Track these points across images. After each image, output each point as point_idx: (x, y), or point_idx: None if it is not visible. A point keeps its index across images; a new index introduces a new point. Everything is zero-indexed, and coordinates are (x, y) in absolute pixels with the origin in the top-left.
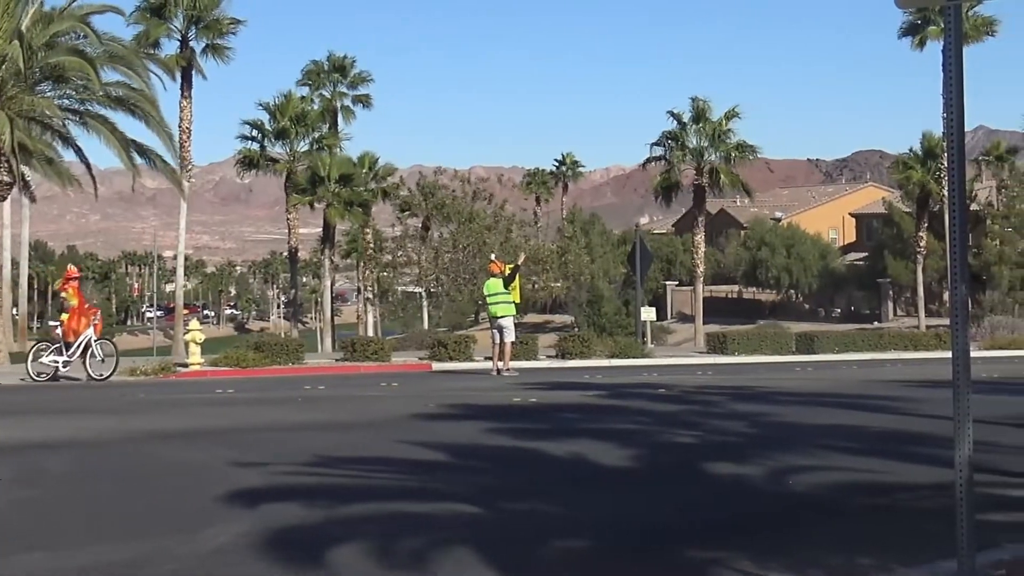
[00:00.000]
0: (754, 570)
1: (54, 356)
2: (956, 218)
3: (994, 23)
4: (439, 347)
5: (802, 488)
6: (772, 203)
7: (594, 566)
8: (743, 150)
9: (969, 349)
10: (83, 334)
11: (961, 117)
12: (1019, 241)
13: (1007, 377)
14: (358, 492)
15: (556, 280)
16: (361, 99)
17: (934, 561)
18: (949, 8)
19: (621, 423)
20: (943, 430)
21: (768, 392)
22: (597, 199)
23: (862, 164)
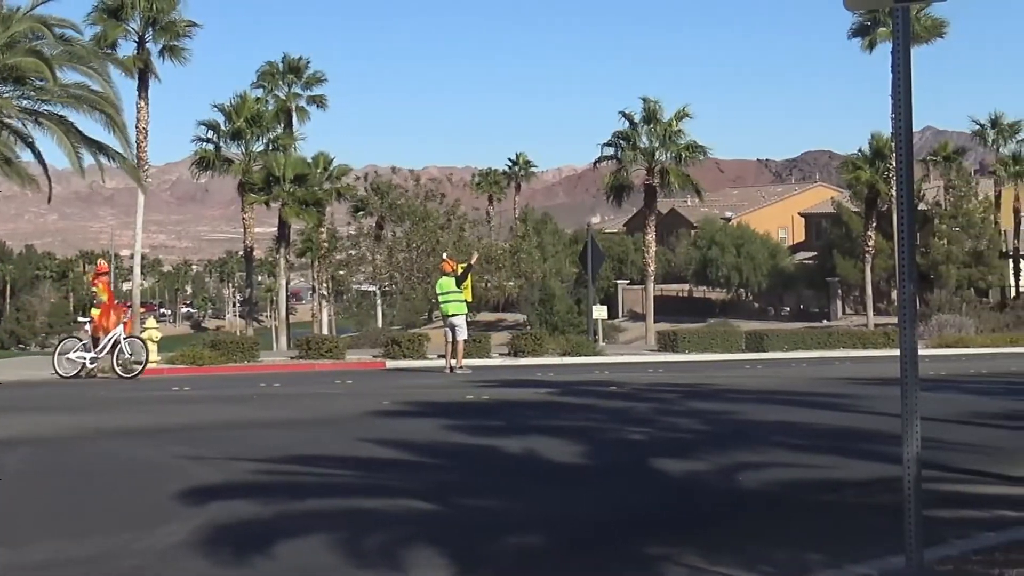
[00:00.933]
0: (704, 565)
1: (81, 353)
2: (904, 218)
3: (943, 25)
4: (393, 345)
5: (752, 484)
6: (722, 203)
7: (548, 561)
8: (693, 150)
9: (917, 347)
10: (113, 331)
11: (909, 118)
12: (966, 241)
13: (954, 375)
14: (314, 488)
15: (509, 279)
16: (316, 99)
17: (882, 557)
18: (898, 10)
19: (574, 420)
20: (891, 427)
21: (718, 390)
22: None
23: (811, 164)
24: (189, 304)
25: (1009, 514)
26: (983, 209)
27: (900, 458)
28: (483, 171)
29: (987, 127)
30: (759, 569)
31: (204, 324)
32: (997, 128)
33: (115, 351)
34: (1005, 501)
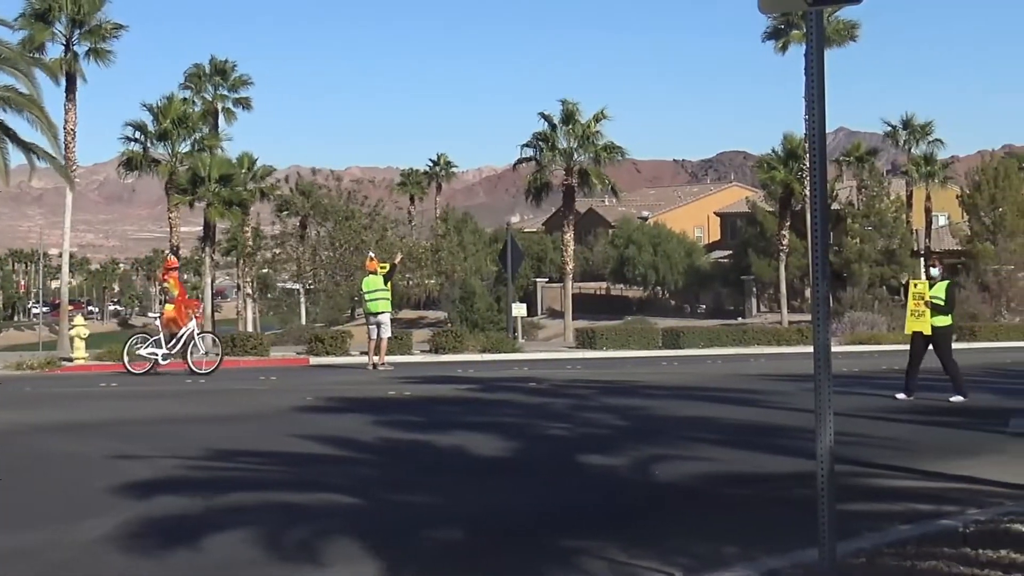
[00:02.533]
0: (623, 558)
1: (152, 348)
2: (818, 217)
3: (855, 28)
4: (317, 342)
5: (669, 478)
6: (639, 202)
7: (470, 555)
8: (611, 151)
9: (830, 344)
10: (185, 327)
11: (823, 119)
12: (878, 239)
13: (867, 371)
14: (240, 483)
15: (430, 277)
16: (241, 101)
17: (797, 550)
18: (811, 13)
19: (494, 416)
20: (805, 422)
21: (636, 386)
22: (470, 199)
23: (726, 164)
24: (117, 302)
25: (921, 507)
26: (895, 208)
27: (814, 453)
28: (405, 171)
29: (899, 128)
30: (677, 562)
31: (131, 321)
32: (909, 129)
33: (188, 346)
34: (917, 495)
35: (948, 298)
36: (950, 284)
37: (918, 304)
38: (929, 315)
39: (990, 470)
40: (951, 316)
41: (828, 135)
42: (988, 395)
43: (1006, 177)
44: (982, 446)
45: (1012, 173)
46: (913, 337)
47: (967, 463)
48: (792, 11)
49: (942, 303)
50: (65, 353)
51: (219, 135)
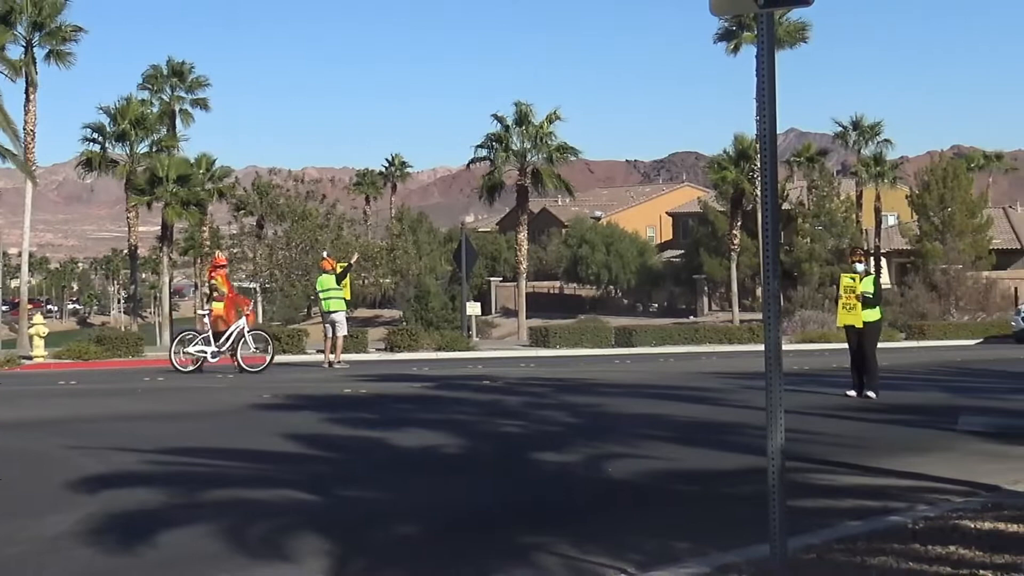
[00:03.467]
0: (575, 554)
1: (201, 346)
2: (768, 217)
3: (806, 29)
4: (273, 340)
5: (622, 475)
6: (592, 202)
7: (425, 550)
8: (564, 151)
9: (781, 342)
10: (235, 324)
11: (773, 120)
12: (828, 239)
13: (817, 369)
14: (198, 479)
15: (385, 276)
16: (199, 102)
17: (748, 545)
18: (762, 15)
19: (449, 413)
20: (756, 419)
21: (589, 384)
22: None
23: (678, 165)
24: (75, 301)
25: (871, 504)
26: (845, 208)
27: (765, 450)
28: (360, 172)
29: (849, 129)
30: (629, 558)
31: (90, 320)
32: (859, 130)
33: (238, 344)
34: (867, 491)
35: (876, 292)
36: (875, 278)
37: (849, 298)
38: (860, 309)
39: (939, 467)
40: (879, 310)
41: (779, 136)
42: (938, 393)
43: (955, 177)
44: (932, 443)
45: (961, 173)
46: (847, 333)
47: (917, 460)
48: (744, 13)
49: (871, 296)
50: (24, 351)
51: (177, 136)
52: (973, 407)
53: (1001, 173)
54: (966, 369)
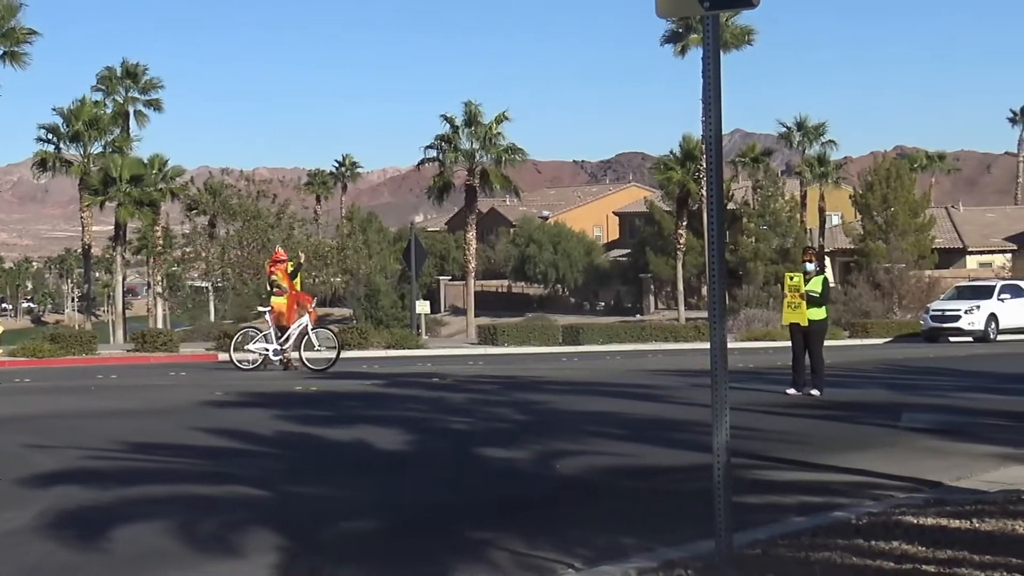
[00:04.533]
0: (524, 549)
1: (263, 344)
2: (714, 217)
3: (751, 32)
4: (225, 338)
5: (570, 471)
6: (540, 202)
7: (376, 545)
8: (512, 152)
9: (726, 341)
10: (298, 321)
11: (719, 121)
12: (773, 238)
13: (762, 367)
14: (151, 475)
15: (335, 275)
16: (152, 103)
17: (694, 541)
18: (708, 17)
19: (399, 410)
20: (702, 416)
21: (537, 381)
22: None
23: (625, 165)
24: (30, 299)
25: (814, 500)
26: (789, 208)
27: (710, 446)
28: (311, 172)
29: (793, 130)
30: (577, 553)
31: (44, 318)
32: (803, 131)
33: (301, 342)
34: (811, 487)
35: (823, 291)
36: (825, 278)
37: (794, 297)
38: (805, 307)
39: (883, 463)
40: (826, 309)
41: (724, 136)
42: (880, 390)
43: (897, 177)
44: (875, 440)
45: (903, 173)
46: (791, 331)
47: (860, 456)
48: (689, 15)
49: (818, 295)
50: None
51: (130, 136)
52: (916, 404)
53: (944, 173)
54: (908, 367)
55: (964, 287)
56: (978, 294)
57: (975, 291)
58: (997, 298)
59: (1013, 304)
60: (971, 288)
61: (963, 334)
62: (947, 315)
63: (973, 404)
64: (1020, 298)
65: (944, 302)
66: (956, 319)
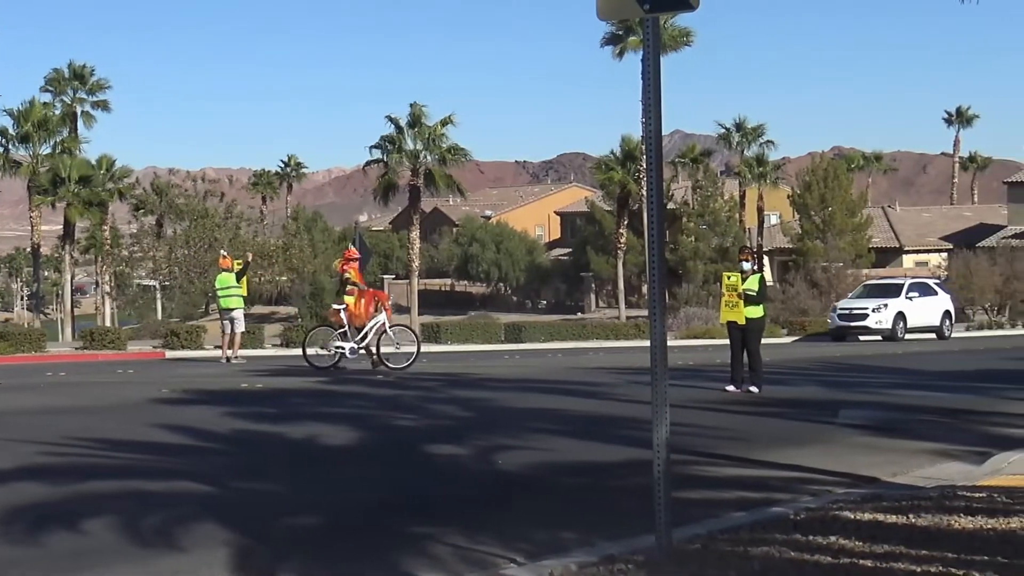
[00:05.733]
0: (467, 544)
1: (338, 342)
2: (654, 216)
3: (690, 34)
4: (172, 336)
5: (512, 467)
6: (483, 202)
7: (321, 540)
8: (456, 153)
9: (666, 338)
10: (374, 320)
11: (659, 122)
12: (712, 238)
13: (701, 364)
14: (100, 471)
15: (281, 274)
16: (100, 104)
17: (634, 536)
18: (648, 20)
19: (344, 407)
20: (642, 413)
21: (480, 379)
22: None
23: (566, 166)
24: None
25: (753, 495)
26: (728, 208)
27: (651, 443)
28: (257, 172)
29: (732, 131)
30: (518, 547)
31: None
32: (742, 131)
33: (378, 340)
34: (749, 483)
35: (760, 290)
36: (761, 277)
37: (732, 296)
38: (742, 306)
39: (820, 459)
40: (763, 307)
41: (664, 137)
42: (818, 387)
43: (835, 178)
44: (813, 436)
45: (841, 174)
46: (729, 329)
47: (798, 453)
48: (630, 18)
49: (755, 294)
50: None
51: (78, 137)
52: (853, 401)
53: (880, 173)
54: (846, 364)
55: (872, 285)
56: (886, 292)
57: (883, 289)
58: (905, 296)
59: (921, 303)
60: (879, 286)
61: (871, 332)
62: (855, 313)
63: (907, 401)
64: (928, 297)
65: (852, 300)
66: (863, 317)
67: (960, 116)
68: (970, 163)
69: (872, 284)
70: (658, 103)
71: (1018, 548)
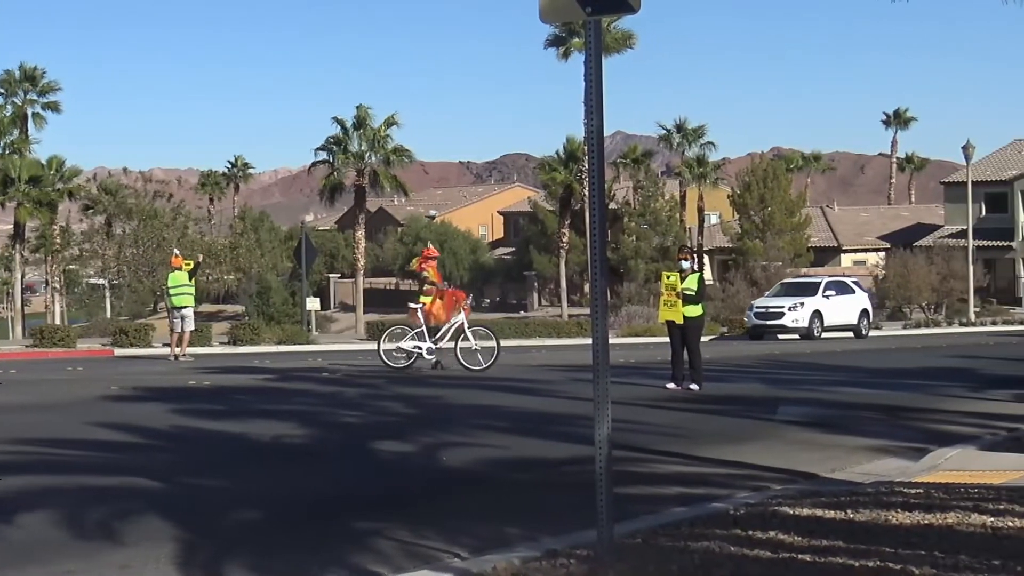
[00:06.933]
0: (412, 539)
1: (415, 342)
2: (596, 216)
3: (632, 37)
4: (121, 334)
5: (457, 464)
6: (427, 202)
7: (266, 536)
8: (400, 154)
9: (608, 336)
10: (452, 319)
11: (601, 123)
12: (654, 237)
13: (643, 362)
14: (46, 467)
15: (228, 273)
16: (50, 106)
17: (577, 531)
18: (590, 22)
19: (291, 404)
20: (585, 410)
21: (424, 376)
22: (266, 198)
23: (510, 166)
24: None
25: (694, 491)
26: (669, 208)
27: (593, 439)
28: (205, 172)
29: (673, 132)
30: (463, 543)
31: None
32: (682, 132)
33: (457, 340)
34: (690, 479)
35: (699, 289)
36: (700, 276)
37: (671, 295)
38: (681, 305)
39: (759, 455)
40: (702, 306)
41: (606, 138)
42: (758, 384)
43: (774, 178)
44: (752, 433)
45: (780, 174)
46: (669, 327)
47: (738, 449)
48: (572, 20)
49: (693, 293)
50: None
51: (29, 138)
52: (791, 398)
53: (819, 173)
54: (785, 362)
55: (789, 284)
56: (802, 291)
57: (800, 288)
58: (822, 295)
59: (838, 301)
60: (796, 285)
61: (787, 331)
62: (771, 312)
63: (845, 398)
64: (846, 295)
65: (768, 299)
66: (780, 316)
67: (898, 118)
68: (907, 164)
69: (789, 283)
70: (600, 105)
71: (955, 543)
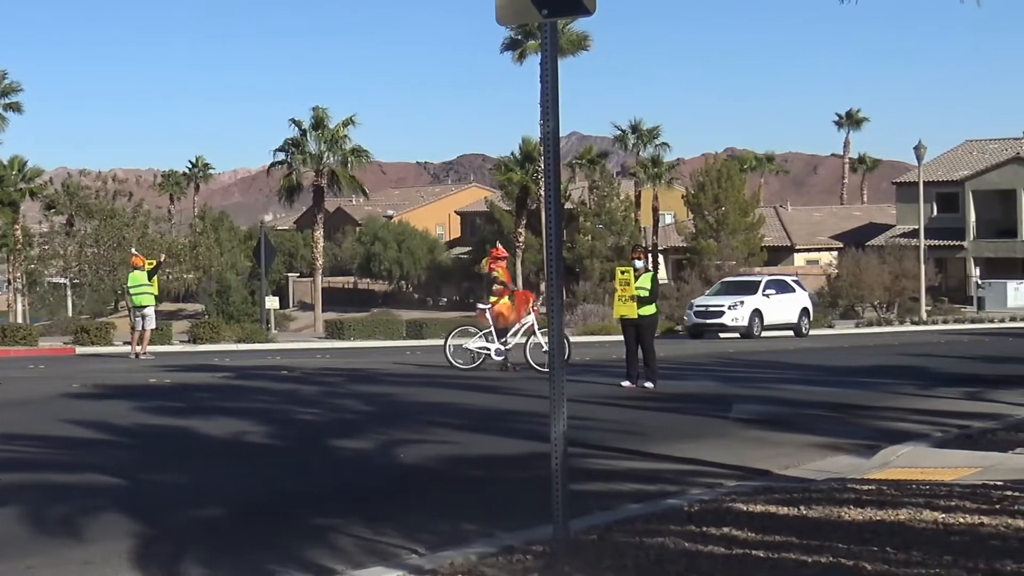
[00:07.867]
0: (369, 535)
1: (483, 342)
2: (552, 216)
3: (587, 39)
4: (83, 333)
5: (414, 461)
6: (385, 202)
7: (225, 532)
8: (358, 154)
9: (564, 334)
10: (521, 320)
11: (556, 124)
12: (609, 237)
13: (598, 360)
14: (8, 464)
15: (188, 272)
16: (12, 106)
17: (533, 527)
18: (546, 24)
19: (249, 402)
20: (541, 407)
21: (382, 374)
22: (226, 198)
23: (467, 166)
24: None
25: (649, 488)
26: (624, 208)
27: (549, 436)
28: (165, 172)
29: (628, 132)
30: (419, 538)
31: None
32: (637, 133)
33: (528, 341)
34: (645, 476)
35: (652, 288)
36: (653, 275)
37: (625, 290)
38: (634, 301)
39: (713, 452)
40: (656, 305)
41: (562, 139)
42: (713, 382)
43: (728, 178)
44: (706, 430)
45: (734, 174)
46: (623, 326)
47: (692, 446)
48: (528, 23)
49: (647, 293)
50: None
51: None
52: (745, 396)
53: (772, 174)
54: (739, 360)
55: (729, 282)
56: (742, 289)
57: (739, 286)
58: (762, 294)
59: (778, 300)
60: (736, 283)
61: (727, 330)
62: (711, 311)
63: (797, 396)
64: (786, 294)
65: (708, 298)
66: (720, 315)
67: (850, 118)
68: (860, 164)
69: (729, 281)
70: (556, 106)
71: (907, 539)
